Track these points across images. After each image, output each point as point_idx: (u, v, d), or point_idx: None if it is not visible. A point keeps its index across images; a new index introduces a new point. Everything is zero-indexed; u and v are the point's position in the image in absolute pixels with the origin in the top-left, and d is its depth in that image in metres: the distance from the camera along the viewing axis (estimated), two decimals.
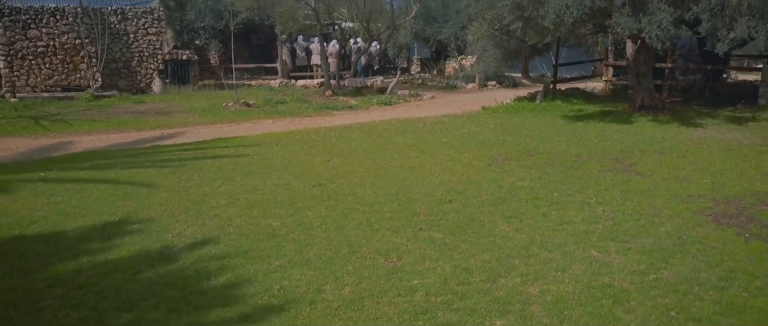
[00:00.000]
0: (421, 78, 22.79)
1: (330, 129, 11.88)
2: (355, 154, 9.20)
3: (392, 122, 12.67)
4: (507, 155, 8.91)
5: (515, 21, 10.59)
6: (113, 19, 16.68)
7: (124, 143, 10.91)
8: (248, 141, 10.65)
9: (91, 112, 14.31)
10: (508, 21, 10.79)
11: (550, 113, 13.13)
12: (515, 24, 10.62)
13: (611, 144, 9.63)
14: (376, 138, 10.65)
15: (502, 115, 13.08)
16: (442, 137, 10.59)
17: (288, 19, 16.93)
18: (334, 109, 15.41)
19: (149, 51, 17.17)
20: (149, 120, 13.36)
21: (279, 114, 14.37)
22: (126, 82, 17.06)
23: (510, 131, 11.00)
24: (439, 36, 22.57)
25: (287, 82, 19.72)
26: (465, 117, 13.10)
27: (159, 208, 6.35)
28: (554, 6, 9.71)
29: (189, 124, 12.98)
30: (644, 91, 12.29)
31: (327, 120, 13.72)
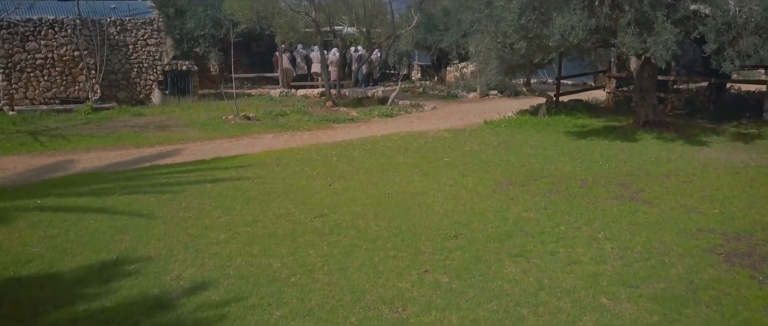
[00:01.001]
0: (422, 86, 22.65)
1: (331, 146, 11.72)
2: (357, 176, 9.05)
3: (393, 138, 12.52)
4: (511, 178, 8.76)
5: (520, 40, 10.42)
6: (112, 30, 16.51)
7: (123, 162, 10.75)
8: (248, 160, 10.49)
9: (89, 126, 14.15)
10: (513, 40, 10.62)
11: (554, 128, 12.97)
12: (519, 43, 10.45)
13: (616, 165, 9.47)
14: (377, 157, 10.49)
15: (505, 131, 12.92)
16: (444, 156, 10.43)
17: (288, 29, 16.76)
18: (335, 121, 15.26)
19: (148, 62, 17.01)
20: (148, 135, 13.20)
21: (280, 128, 14.21)
22: (125, 93, 16.89)
23: (513, 150, 10.84)
24: (441, 44, 22.41)
25: (287, 91, 19.57)
26: (467, 132, 12.95)
27: (157, 244, 6.19)
28: (559, 27, 9.55)
29: (188, 139, 12.81)
30: (648, 106, 12.14)
31: (328, 134, 13.57)
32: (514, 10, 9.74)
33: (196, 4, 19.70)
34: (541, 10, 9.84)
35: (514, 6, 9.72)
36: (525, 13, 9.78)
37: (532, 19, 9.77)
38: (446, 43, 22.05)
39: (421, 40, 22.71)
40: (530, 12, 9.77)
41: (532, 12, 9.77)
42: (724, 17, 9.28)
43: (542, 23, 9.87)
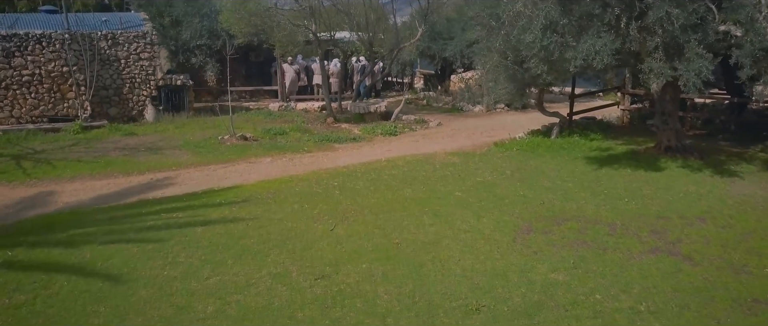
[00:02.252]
0: (426, 97, 21.80)
1: (332, 174, 10.87)
2: (362, 217, 8.20)
3: (399, 164, 11.66)
4: (531, 222, 7.91)
5: (539, 64, 9.56)
6: (103, 44, 15.65)
7: (109, 195, 9.90)
8: (243, 193, 9.64)
9: (77, 149, 13.29)
10: (531, 63, 9.77)
11: (569, 153, 12.11)
12: (539, 67, 9.59)
13: (644, 204, 8.62)
14: (383, 190, 9.64)
15: (517, 156, 12.06)
16: (455, 190, 9.58)
17: (288, 42, 15.90)
18: (336, 141, 14.41)
19: (141, 77, 16.15)
20: (138, 160, 12.34)
21: (278, 149, 13.35)
22: (117, 110, 16.04)
23: (529, 181, 9.99)
24: (445, 53, 21.56)
25: (287, 105, 18.70)
26: (477, 157, 12.08)
27: (135, 321, 5.34)
28: (582, 52, 8.69)
29: (181, 165, 11.96)
30: (671, 131, 11.29)
31: (329, 157, 12.72)
32: (535, 31, 8.86)
33: (191, 15, 18.82)
34: (562, 32, 8.97)
35: (534, 27, 8.84)
36: (546, 35, 8.91)
37: (554, 42, 8.90)
38: (450, 52, 21.21)
39: (424, 48, 21.85)
40: (552, 34, 8.89)
41: (553, 34, 8.90)
42: (761, 42, 8.42)
43: (564, 46, 9.00)
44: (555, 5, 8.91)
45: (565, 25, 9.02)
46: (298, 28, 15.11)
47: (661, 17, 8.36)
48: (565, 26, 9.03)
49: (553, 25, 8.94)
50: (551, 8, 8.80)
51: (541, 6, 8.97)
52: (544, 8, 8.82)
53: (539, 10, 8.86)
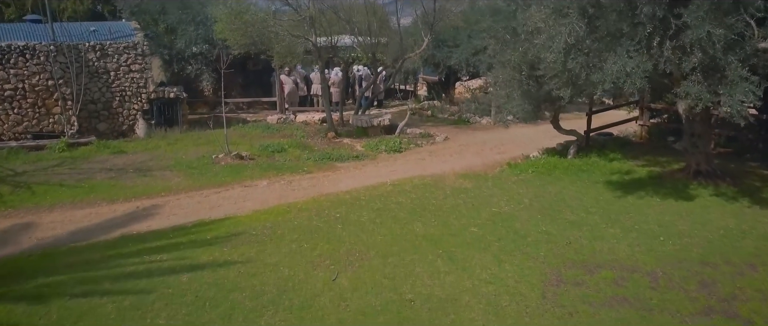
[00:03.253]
0: (430, 107, 20.82)
1: (334, 201, 9.92)
2: (368, 263, 7.25)
3: (406, 188, 10.72)
4: (560, 269, 6.96)
5: (563, 87, 8.61)
6: (91, 56, 14.68)
7: (90, 228, 8.96)
8: (236, 227, 8.69)
9: (61, 170, 12.32)
10: (552, 84, 8.82)
11: (589, 176, 11.15)
12: (563, 90, 8.64)
13: (683, 245, 7.67)
14: (390, 224, 8.69)
15: (534, 179, 11.10)
16: (470, 224, 8.63)
17: (287, 53, 14.93)
18: (337, 159, 13.45)
19: (132, 90, 15.18)
20: (125, 183, 11.38)
21: (276, 170, 12.39)
22: (106, 125, 15.07)
23: (550, 213, 9.03)
24: (450, 61, 20.60)
25: (286, 117, 17.73)
26: (490, 180, 11.13)
27: None
28: (611, 74, 7.73)
29: (171, 190, 11.00)
30: (700, 155, 10.34)
31: (330, 179, 11.76)
32: (558, 51, 7.90)
33: (186, 22, 17.86)
34: (588, 52, 8.01)
35: (556, 46, 7.88)
36: (570, 55, 7.95)
37: (579, 63, 7.94)
38: (456, 60, 20.26)
39: (428, 57, 20.87)
40: (576, 54, 7.93)
41: (578, 54, 7.94)
42: None
43: (590, 67, 8.04)
44: (579, 22, 7.94)
45: (590, 44, 8.06)
46: (298, 39, 14.13)
47: (702, 37, 7.40)
48: (591, 45, 8.06)
49: (578, 44, 7.97)
50: (575, 25, 7.83)
51: (563, 22, 8.00)
52: (567, 25, 7.86)
53: (562, 26, 7.89)
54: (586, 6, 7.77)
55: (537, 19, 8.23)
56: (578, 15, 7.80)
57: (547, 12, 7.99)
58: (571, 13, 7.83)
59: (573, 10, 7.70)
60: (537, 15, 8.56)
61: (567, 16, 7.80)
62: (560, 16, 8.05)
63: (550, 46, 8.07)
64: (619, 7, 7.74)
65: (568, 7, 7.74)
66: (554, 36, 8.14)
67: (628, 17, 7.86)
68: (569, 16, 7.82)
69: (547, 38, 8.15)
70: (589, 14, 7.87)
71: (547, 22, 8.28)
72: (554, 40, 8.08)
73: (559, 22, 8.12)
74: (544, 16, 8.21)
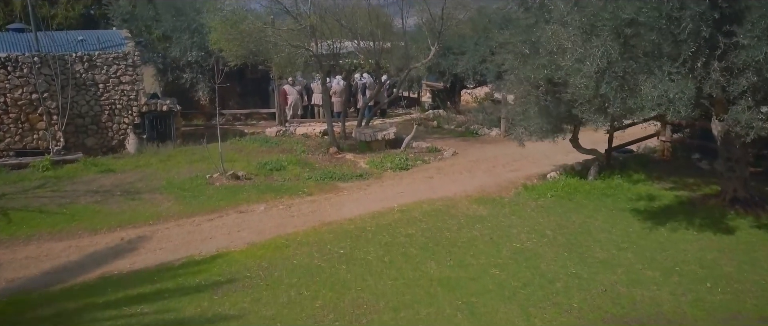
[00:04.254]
0: (436, 117, 19.86)
1: (337, 233, 8.99)
2: (377, 318, 6.32)
3: (415, 215, 9.79)
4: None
5: (596, 114, 7.66)
6: (78, 67, 13.73)
7: (67, 266, 8.04)
8: (229, 267, 7.76)
9: (43, 192, 11.37)
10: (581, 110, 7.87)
11: (613, 202, 10.20)
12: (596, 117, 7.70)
13: (734, 294, 6.73)
14: (400, 263, 7.76)
15: (554, 206, 10.14)
16: (489, 263, 7.69)
17: (287, 64, 13.99)
18: (340, 178, 12.50)
19: (122, 103, 14.23)
20: (111, 209, 10.44)
21: (274, 192, 11.44)
22: (95, 140, 14.13)
23: (577, 249, 8.09)
24: (456, 69, 19.62)
25: (285, 130, 16.77)
26: (507, 206, 10.18)
27: None
28: (651, 100, 6.78)
29: (160, 217, 10.06)
30: (737, 180, 9.41)
31: (333, 203, 10.83)
32: (589, 75, 6.95)
33: (181, 30, 16.90)
34: (623, 75, 7.06)
35: (587, 70, 6.93)
36: (604, 80, 6.99)
37: (614, 88, 6.98)
38: (462, 68, 19.27)
39: (433, 64, 19.87)
40: (611, 77, 6.98)
41: (612, 78, 6.99)
42: None
43: (627, 90, 7.09)
44: (613, 41, 6.99)
45: (625, 65, 7.10)
46: (298, 50, 13.17)
47: (758, 59, 6.44)
48: (626, 67, 7.10)
49: (611, 66, 7.01)
50: (609, 45, 6.87)
51: (595, 42, 7.04)
52: (600, 45, 6.90)
53: (593, 47, 6.93)
54: (621, 25, 6.79)
55: (562, 38, 7.26)
56: (612, 34, 6.84)
57: (574, 31, 7.03)
58: (603, 34, 6.86)
59: (606, 29, 6.74)
60: (562, 33, 7.60)
61: (599, 35, 6.83)
62: (590, 35, 7.09)
63: (579, 69, 7.11)
64: (660, 24, 6.78)
65: (601, 25, 6.77)
66: (584, 58, 7.17)
67: (669, 35, 6.90)
68: (601, 35, 6.85)
69: (575, 60, 7.18)
70: (625, 33, 6.90)
71: (574, 41, 7.31)
72: (584, 61, 7.12)
73: (591, 42, 7.15)
74: (570, 34, 7.24)
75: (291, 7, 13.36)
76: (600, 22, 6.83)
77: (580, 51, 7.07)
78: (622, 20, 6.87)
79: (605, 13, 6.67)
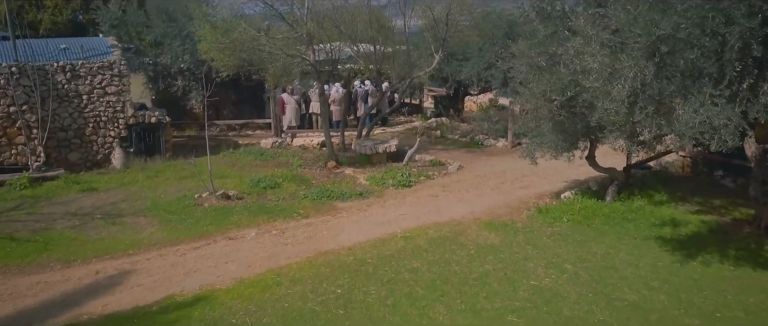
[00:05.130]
0: (439, 126, 18.94)
1: (334, 268, 8.10)
2: None
3: (420, 244, 8.92)
4: None
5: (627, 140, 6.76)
6: (60, 77, 12.82)
7: (32, 309, 7.16)
8: (213, 311, 6.87)
9: (17, 216, 10.47)
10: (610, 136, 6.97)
11: (636, 228, 9.31)
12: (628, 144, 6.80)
13: None
14: (404, 307, 6.88)
15: (572, 233, 9.24)
16: (505, 308, 6.81)
17: (282, 73, 13.08)
18: (339, 196, 11.60)
19: (108, 115, 13.33)
20: (89, 236, 9.54)
21: (267, 214, 10.55)
22: (78, 154, 13.22)
23: (603, 289, 7.19)
24: (459, 76, 18.72)
25: (281, 141, 15.86)
26: (520, 232, 9.28)
27: None
28: (691, 128, 5.87)
29: (141, 245, 9.16)
30: None
31: (330, 227, 9.93)
32: (619, 99, 6.04)
33: (172, 36, 15.98)
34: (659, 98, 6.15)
35: (617, 93, 6.02)
36: (636, 104, 6.08)
37: (649, 113, 6.07)
38: (466, 75, 18.38)
39: (436, 72, 18.97)
40: (645, 101, 6.07)
41: (648, 101, 6.08)
42: None
43: (662, 115, 6.19)
44: (646, 60, 6.08)
45: (659, 86, 6.19)
46: (294, 59, 12.27)
47: None
48: (661, 89, 6.19)
49: (644, 88, 6.11)
50: (642, 65, 5.97)
51: (626, 61, 6.13)
52: (631, 65, 5.99)
53: (625, 67, 6.02)
54: (656, 42, 5.88)
55: (587, 56, 6.35)
56: (645, 52, 5.93)
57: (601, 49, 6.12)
58: (635, 52, 5.95)
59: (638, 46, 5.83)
60: (586, 49, 6.68)
61: (631, 54, 5.92)
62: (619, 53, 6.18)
63: (607, 92, 6.20)
64: (702, 42, 5.87)
65: (633, 42, 5.86)
66: (613, 78, 6.26)
67: (712, 54, 5.99)
68: (633, 54, 5.94)
69: (603, 81, 6.27)
70: (661, 52, 5.98)
71: (601, 59, 6.40)
72: (612, 83, 6.21)
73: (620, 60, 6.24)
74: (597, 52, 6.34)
75: (286, 13, 12.44)
76: (631, 38, 5.92)
77: (608, 71, 6.15)
78: (657, 36, 5.95)
79: (637, 28, 5.75)
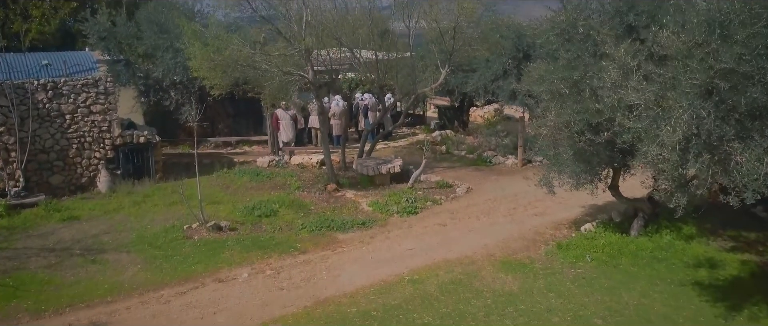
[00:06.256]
0: (444, 139, 17.94)
1: (336, 320, 7.13)
2: None
3: (430, 288, 8.02)
4: None
5: (677, 191, 5.79)
6: (42, 96, 11.85)
7: None
8: None
9: None
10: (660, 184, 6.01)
11: (669, 269, 8.37)
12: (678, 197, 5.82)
13: None
14: None
15: (598, 276, 8.29)
16: None
17: (279, 91, 12.12)
18: (340, 227, 10.67)
19: (93, 135, 12.36)
20: (65, 277, 8.59)
21: (261, 249, 9.61)
22: (61, 177, 12.25)
23: None
24: (465, 88, 17.74)
25: (278, 160, 14.88)
26: (540, 276, 8.34)
27: None
28: (756, 178, 4.91)
29: (121, 289, 8.22)
30: None
31: (329, 265, 9.01)
32: (671, 145, 5.06)
33: (164, 49, 14.99)
34: (716, 143, 5.17)
35: (668, 138, 5.04)
36: (690, 150, 5.11)
37: (706, 163, 5.10)
38: (472, 87, 17.38)
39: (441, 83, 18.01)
40: (700, 146, 5.09)
41: (702, 147, 5.10)
42: None
43: (719, 162, 5.21)
44: (703, 99, 5.11)
45: (720, 132, 5.21)
46: (291, 76, 11.29)
47: None
48: (718, 131, 5.22)
49: (701, 132, 5.13)
50: (698, 104, 4.99)
51: (678, 100, 5.15)
52: (686, 105, 5.01)
53: (679, 106, 5.05)
54: (715, 77, 4.91)
55: (631, 94, 5.38)
56: (702, 90, 4.96)
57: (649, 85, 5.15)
58: (689, 89, 4.98)
59: (695, 84, 4.86)
60: (625, 84, 5.71)
61: (687, 92, 4.95)
62: (668, 89, 5.21)
63: (654, 135, 5.22)
64: None
65: (688, 78, 4.89)
66: (660, 118, 5.29)
67: None
68: (688, 93, 4.97)
69: (648, 122, 5.29)
70: (720, 89, 5.01)
71: (645, 96, 5.42)
72: (659, 123, 5.23)
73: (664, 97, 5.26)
74: (641, 88, 5.36)
75: (284, 28, 11.46)
76: (685, 73, 4.94)
77: (655, 110, 5.17)
78: (716, 71, 4.98)
79: (693, 61, 4.78)
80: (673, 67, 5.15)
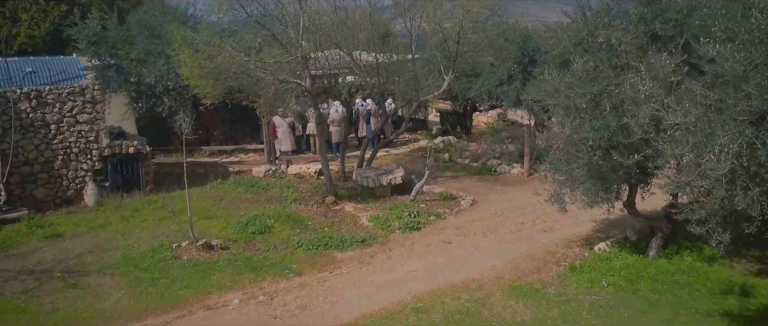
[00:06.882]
0: (447, 146, 17.29)
1: None
2: None
3: (435, 317, 7.40)
4: None
5: (718, 228, 5.11)
6: (25, 105, 11.20)
7: None
8: None
9: None
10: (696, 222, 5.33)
11: (693, 297, 7.70)
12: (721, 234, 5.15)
13: None
14: None
15: (617, 304, 7.63)
16: None
17: (275, 99, 11.46)
18: (338, 245, 10.00)
19: (79, 146, 11.71)
20: (42, 305, 7.93)
21: (254, 271, 8.94)
22: (46, 190, 11.60)
23: None
24: (469, 94, 17.09)
25: (275, 169, 14.20)
26: (554, 305, 7.66)
27: None
28: None
29: (101, 317, 7.61)
30: None
31: (326, 290, 8.37)
32: (716, 177, 4.39)
33: (156, 54, 14.31)
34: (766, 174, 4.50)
35: (712, 167, 4.37)
36: (736, 181, 4.44)
37: (755, 197, 4.43)
38: (476, 92, 16.72)
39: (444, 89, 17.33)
40: (748, 179, 4.42)
41: (751, 179, 4.43)
42: None
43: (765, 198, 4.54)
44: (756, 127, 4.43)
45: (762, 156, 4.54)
46: (288, 85, 10.62)
47: None
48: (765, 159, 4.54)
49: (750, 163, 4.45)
50: (749, 132, 4.32)
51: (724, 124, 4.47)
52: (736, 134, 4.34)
53: (725, 134, 4.37)
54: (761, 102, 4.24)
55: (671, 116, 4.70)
56: (754, 117, 4.28)
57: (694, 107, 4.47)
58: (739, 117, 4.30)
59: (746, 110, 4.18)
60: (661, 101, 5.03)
61: (735, 119, 4.27)
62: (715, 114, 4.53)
63: (696, 164, 4.54)
64: None
65: (736, 102, 4.21)
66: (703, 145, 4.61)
67: None
68: (737, 119, 4.29)
69: (689, 148, 4.62)
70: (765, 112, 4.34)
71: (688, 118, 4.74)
72: (702, 152, 4.56)
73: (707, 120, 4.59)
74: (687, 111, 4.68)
75: (280, 34, 10.79)
76: (736, 97, 4.27)
77: (697, 136, 4.50)
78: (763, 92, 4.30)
79: (749, 85, 4.10)
80: (722, 88, 4.46)
